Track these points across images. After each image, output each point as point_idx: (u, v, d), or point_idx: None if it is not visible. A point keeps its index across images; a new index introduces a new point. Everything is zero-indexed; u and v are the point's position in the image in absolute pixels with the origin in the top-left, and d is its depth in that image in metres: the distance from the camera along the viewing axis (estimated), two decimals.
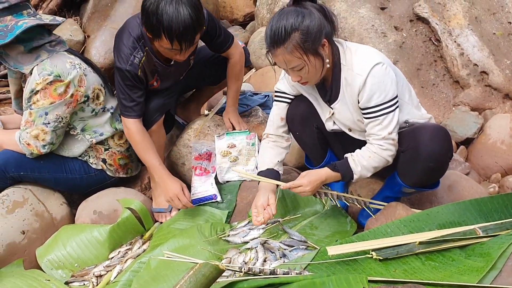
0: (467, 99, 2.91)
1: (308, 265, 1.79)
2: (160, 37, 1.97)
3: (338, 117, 1.98)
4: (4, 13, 2.01)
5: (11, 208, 2.19)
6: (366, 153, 1.88)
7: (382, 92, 1.79)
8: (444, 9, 3.15)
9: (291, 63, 1.75)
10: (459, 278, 1.61)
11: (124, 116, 2.19)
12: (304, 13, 1.71)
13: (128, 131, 2.20)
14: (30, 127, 2.12)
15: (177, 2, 1.90)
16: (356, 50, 1.85)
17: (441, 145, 1.87)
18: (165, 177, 2.20)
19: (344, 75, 1.86)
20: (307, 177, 1.92)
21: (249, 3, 4.09)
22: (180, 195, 2.15)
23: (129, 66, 2.10)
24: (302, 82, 1.84)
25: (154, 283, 1.82)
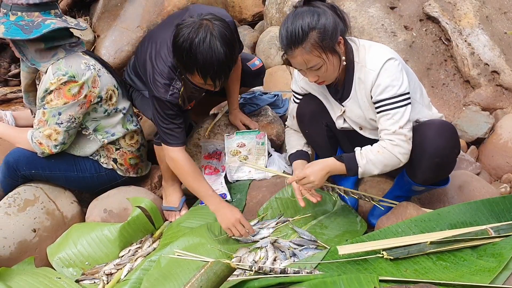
0: (477, 99, 2.89)
1: (318, 265, 1.78)
2: (193, 74, 1.93)
3: (349, 115, 1.98)
4: (33, 9, 2.02)
5: (22, 207, 2.20)
6: (376, 147, 1.83)
7: (394, 86, 1.78)
8: (455, 8, 3.13)
9: (310, 63, 1.75)
10: (471, 279, 1.60)
11: (168, 145, 2.12)
12: (319, 12, 1.72)
13: (175, 161, 2.12)
14: (43, 127, 2.13)
15: (211, 39, 1.84)
16: (370, 47, 1.86)
17: (447, 140, 1.85)
18: (223, 204, 2.10)
19: (357, 73, 1.86)
20: (311, 167, 1.87)
21: (257, 2, 4.09)
22: (243, 221, 2.05)
23: (170, 96, 2.05)
24: (319, 81, 1.84)
25: (164, 281, 1.82)
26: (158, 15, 3.33)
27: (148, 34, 2.34)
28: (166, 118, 2.08)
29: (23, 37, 1.99)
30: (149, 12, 3.35)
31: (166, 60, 2.05)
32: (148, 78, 2.08)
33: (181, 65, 1.95)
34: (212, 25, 1.87)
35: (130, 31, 3.36)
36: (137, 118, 2.48)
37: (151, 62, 2.08)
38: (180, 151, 2.12)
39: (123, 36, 3.34)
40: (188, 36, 1.85)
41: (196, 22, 1.88)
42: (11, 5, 2.02)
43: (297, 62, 1.77)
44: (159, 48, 2.09)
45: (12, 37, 2.00)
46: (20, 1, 2.01)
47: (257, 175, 2.39)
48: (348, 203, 2.23)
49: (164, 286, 1.81)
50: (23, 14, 2.02)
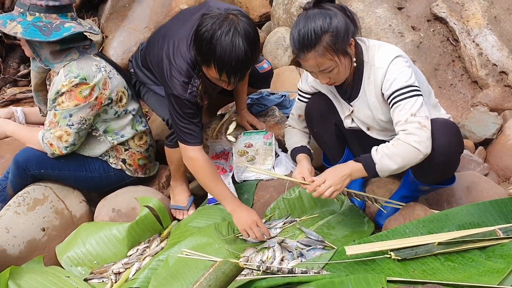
0: (485, 100, 2.88)
1: (326, 265, 1.79)
2: (209, 66, 1.88)
3: (357, 115, 1.98)
4: (51, 11, 2.04)
5: (32, 206, 2.22)
6: (391, 141, 1.78)
7: (402, 78, 1.77)
8: (463, 8, 3.12)
9: (323, 65, 1.75)
10: (479, 280, 1.60)
11: (186, 144, 2.07)
12: (331, 15, 1.72)
13: (194, 161, 2.08)
14: (54, 128, 2.15)
15: (234, 33, 1.79)
16: (379, 47, 1.86)
17: (449, 139, 1.83)
18: (241, 207, 2.07)
19: (366, 72, 1.87)
20: (329, 172, 1.84)
21: (265, 3, 4.09)
22: (260, 223, 2.01)
23: (189, 95, 2.00)
24: (330, 83, 1.84)
25: (172, 280, 1.83)
26: (166, 15, 3.36)
27: (161, 31, 2.26)
28: (184, 117, 2.04)
29: (42, 38, 2.01)
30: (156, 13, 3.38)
31: (185, 57, 2.00)
32: (165, 76, 2.02)
33: (199, 55, 1.90)
34: (237, 20, 1.82)
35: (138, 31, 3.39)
36: (146, 119, 2.50)
37: (169, 60, 2.03)
38: (199, 150, 2.08)
39: (131, 37, 3.37)
40: (212, 27, 1.80)
41: (222, 14, 1.83)
42: (29, 5, 2.03)
43: (309, 65, 1.77)
44: (177, 45, 2.03)
45: (31, 38, 2.01)
46: (39, 2, 2.02)
47: (264, 175, 2.40)
48: (356, 203, 2.23)
49: (172, 285, 1.82)
50: (41, 15, 2.03)
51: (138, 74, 2.36)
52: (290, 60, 3.37)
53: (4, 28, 2.04)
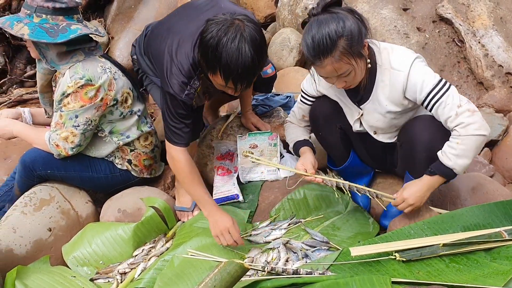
0: (491, 101, 2.88)
1: (331, 266, 1.79)
2: (215, 73, 1.82)
3: (366, 118, 1.98)
4: (58, 13, 2.05)
5: (38, 206, 2.24)
6: (453, 141, 1.77)
7: (429, 77, 1.78)
8: (468, 9, 3.12)
9: (341, 70, 1.72)
10: (484, 281, 1.59)
11: (172, 143, 2.05)
12: (342, 18, 1.69)
13: (175, 161, 2.06)
14: (60, 129, 2.16)
15: (240, 39, 1.73)
16: (392, 49, 1.86)
17: (433, 133, 1.84)
18: (216, 211, 2.00)
19: (379, 75, 1.86)
20: (408, 190, 1.86)
21: (270, 4, 4.10)
22: (232, 229, 1.94)
23: (185, 96, 1.96)
24: (347, 86, 1.82)
25: (177, 280, 1.84)
26: None
27: (167, 22, 2.19)
28: (176, 117, 2.02)
29: (49, 40, 2.02)
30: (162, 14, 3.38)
31: (188, 57, 1.95)
32: (165, 72, 1.98)
33: (205, 62, 1.84)
34: (244, 26, 1.76)
35: None
36: (151, 120, 2.51)
37: (171, 57, 1.98)
38: (182, 151, 2.05)
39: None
40: (217, 33, 1.75)
41: (228, 20, 1.78)
42: (35, 7, 2.04)
43: (326, 71, 1.74)
44: (181, 43, 1.98)
45: (38, 39, 2.03)
46: (46, 4, 2.03)
47: (270, 176, 2.40)
48: (361, 204, 2.23)
49: (178, 286, 1.83)
50: (47, 17, 2.05)
51: (140, 61, 2.32)
52: (295, 61, 3.38)
53: (11, 30, 2.06)
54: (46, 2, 2.03)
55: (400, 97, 1.86)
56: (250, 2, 4.13)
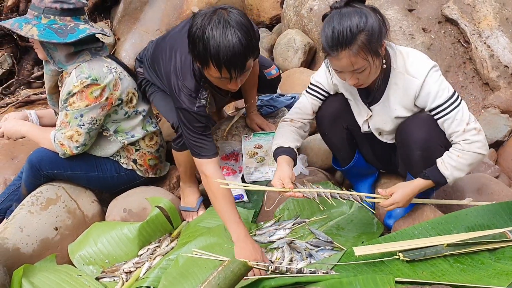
0: (497, 101, 2.87)
1: (335, 266, 1.80)
2: (208, 65, 1.80)
3: (375, 119, 1.98)
4: (65, 13, 2.07)
5: (45, 205, 2.25)
6: (454, 153, 1.82)
7: (443, 90, 1.79)
8: (474, 10, 3.11)
9: (356, 65, 1.70)
10: (489, 282, 1.59)
11: (199, 157, 1.99)
12: (366, 14, 1.68)
13: (208, 178, 1.97)
14: (65, 128, 2.18)
15: (225, 25, 1.72)
16: (408, 54, 1.85)
17: (427, 132, 1.85)
18: (246, 239, 1.91)
19: (393, 78, 1.85)
20: (399, 193, 1.86)
21: (275, 5, 4.11)
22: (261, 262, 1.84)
23: (197, 108, 1.97)
24: (358, 84, 1.80)
25: (182, 279, 1.85)
26: (177, 18, 3.39)
27: (170, 39, 2.21)
28: (194, 131, 2.00)
29: (58, 40, 2.04)
30: (168, 16, 3.41)
31: (191, 72, 1.99)
32: (174, 90, 2.01)
33: (197, 58, 1.83)
34: (227, 12, 1.76)
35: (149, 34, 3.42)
36: (156, 120, 2.52)
37: (176, 75, 2.01)
38: (212, 164, 1.98)
39: (143, 39, 3.40)
40: (201, 23, 1.74)
41: (211, 10, 1.79)
42: (43, 8, 2.06)
43: (341, 64, 1.71)
44: (183, 59, 2.01)
45: (48, 40, 2.05)
46: (54, 5, 2.05)
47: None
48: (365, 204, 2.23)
49: (182, 285, 1.83)
50: (55, 18, 2.07)
51: (146, 75, 2.35)
52: (300, 62, 3.39)
53: (20, 31, 2.08)
54: (54, 3, 2.05)
55: (410, 103, 1.86)
56: (256, 3, 4.14)
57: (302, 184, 1.88)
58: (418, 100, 1.84)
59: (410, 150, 1.91)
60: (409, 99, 1.85)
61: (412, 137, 1.88)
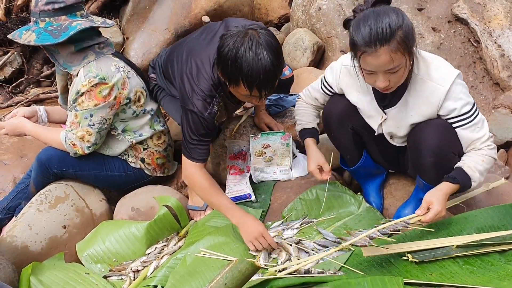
0: (507, 102, 2.84)
1: (342, 266, 1.79)
2: (238, 85, 1.87)
3: (388, 123, 1.96)
4: (59, 13, 2.08)
5: (53, 203, 2.27)
6: (479, 157, 1.83)
7: (467, 98, 1.80)
8: (484, 9, 3.08)
9: (395, 61, 1.65)
10: (499, 284, 1.58)
11: (189, 159, 2.07)
12: (401, 12, 1.66)
13: (192, 176, 2.08)
14: (75, 128, 2.19)
15: (257, 47, 1.79)
16: (432, 61, 1.83)
17: (439, 139, 1.83)
18: (246, 217, 2.02)
19: (413, 84, 1.83)
20: (437, 202, 1.77)
21: (284, 4, 4.09)
22: (265, 234, 1.96)
23: (208, 114, 2.00)
24: (388, 88, 1.75)
25: (189, 278, 1.85)
26: (186, 17, 3.38)
27: (185, 46, 2.23)
28: (196, 135, 2.03)
29: (52, 41, 2.05)
30: (176, 15, 3.41)
31: (208, 78, 2.01)
32: (187, 92, 2.03)
33: (226, 76, 1.89)
34: (257, 34, 1.82)
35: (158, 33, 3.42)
36: (164, 119, 2.53)
37: (192, 80, 2.04)
38: (199, 167, 2.07)
39: (151, 38, 3.40)
40: (234, 45, 1.81)
41: (242, 31, 1.83)
42: (38, 13, 2.07)
43: (379, 61, 1.65)
44: (200, 65, 2.05)
45: (43, 43, 2.06)
46: (46, 7, 2.06)
47: (282, 176, 2.41)
48: (373, 205, 2.22)
49: (189, 284, 1.83)
50: (51, 20, 2.08)
51: (158, 80, 2.38)
52: (309, 61, 3.37)
53: (20, 39, 2.10)
54: (46, 5, 2.06)
55: (431, 112, 1.83)
56: (264, 2, 4.13)
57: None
58: (441, 109, 1.81)
59: (423, 156, 1.89)
60: (431, 107, 1.82)
61: (425, 143, 1.86)
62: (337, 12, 3.39)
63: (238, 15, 3.45)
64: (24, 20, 3.44)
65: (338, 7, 3.40)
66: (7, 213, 2.43)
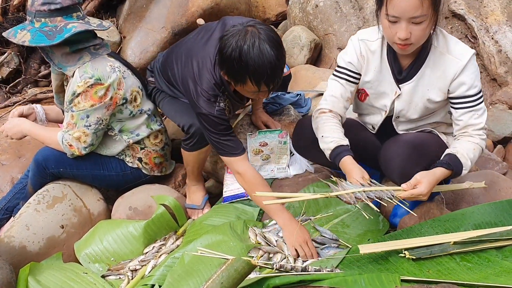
0: (505, 97, 2.84)
1: (340, 263, 1.79)
2: (245, 82, 1.88)
3: (402, 99, 1.90)
4: (55, 14, 2.07)
5: (51, 203, 2.27)
6: (470, 145, 1.82)
7: (479, 81, 1.79)
8: (481, 5, 3.08)
9: (422, 9, 1.61)
10: (496, 280, 1.58)
11: (230, 156, 2.05)
12: None
13: (243, 175, 2.05)
14: (72, 129, 2.19)
15: (260, 43, 1.80)
16: (450, 37, 1.83)
17: (404, 160, 1.83)
18: (292, 221, 2.00)
19: (432, 56, 1.81)
20: (425, 184, 1.73)
21: (281, 2, 4.09)
22: (310, 242, 1.93)
23: (217, 112, 2.01)
24: (407, 43, 1.69)
25: (187, 277, 1.85)
26: (183, 16, 3.38)
27: (183, 47, 2.25)
28: (219, 133, 2.04)
29: (47, 43, 2.04)
30: (173, 13, 3.40)
31: (210, 78, 2.03)
32: (192, 96, 2.05)
33: (232, 76, 1.90)
34: (257, 30, 1.83)
35: (155, 32, 3.42)
36: (161, 118, 2.52)
37: (194, 80, 2.05)
38: (244, 160, 2.06)
39: (148, 37, 3.40)
40: (236, 44, 1.81)
41: (242, 29, 1.84)
42: (34, 12, 2.07)
43: (408, 3, 1.60)
44: (201, 65, 2.06)
45: (37, 44, 2.05)
46: (42, 7, 2.05)
47: (279, 174, 2.40)
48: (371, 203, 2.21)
49: (187, 282, 1.83)
50: (46, 20, 2.07)
51: (157, 83, 2.39)
52: (306, 59, 3.37)
53: (14, 39, 2.10)
54: (42, 5, 2.05)
55: (444, 86, 1.82)
56: (262, 0, 4.13)
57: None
58: (453, 83, 1.79)
59: (391, 176, 1.92)
60: (444, 81, 1.81)
61: (391, 165, 1.88)
62: (334, 10, 3.39)
63: (235, 13, 3.45)
64: (21, 20, 3.43)
65: (335, 4, 3.40)
66: (5, 213, 2.43)
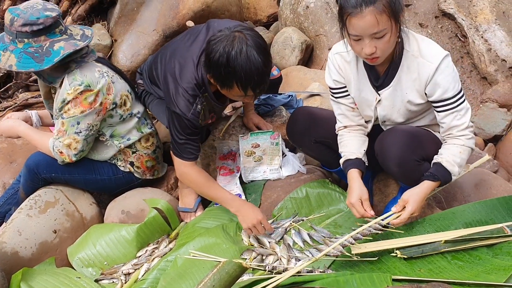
0: (495, 96, 2.86)
1: (332, 264, 1.79)
2: (231, 87, 1.91)
3: (383, 104, 1.91)
4: (37, 34, 2.04)
5: (43, 208, 2.26)
6: (456, 149, 1.81)
7: (455, 82, 1.78)
8: (471, 4, 3.10)
9: (380, 24, 1.63)
10: (486, 278, 1.59)
11: (181, 158, 2.12)
12: None
13: (186, 174, 2.15)
14: (62, 136, 2.18)
15: (248, 49, 1.83)
16: (422, 39, 1.82)
17: (401, 149, 1.83)
18: (245, 205, 2.11)
19: (405, 61, 1.81)
20: (413, 203, 1.76)
21: (272, 3, 4.10)
22: (264, 221, 2.05)
23: (191, 114, 2.03)
24: (374, 56, 1.71)
25: (180, 280, 1.85)
26: (173, 18, 3.37)
27: (169, 49, 2.27)
28: (182, 134, 2.07)
29: (36, 68, 2.03)
30: (164, 16, 3.40)
31: (191, 78, 2.04)
32: (170, 93, 2.06)
33: (219, 80, 1.92)
34: (245, 36, 1.85)
35: (146, 34, 3.41)
36: (152, 121, 2.52)
37: (174, 78, 2.06)
38: (191, 165, 2.13)
39: (140, 40, 3.39)
40: (224, 50, 1.83)
41: (229, 35, 1.85)
42: (15, 33, 2.02)
43: (364, 22, 1.63)
44: (183, 64, 2.07)
45: (26, 69, 2.04)
46: (24, 28, 2.01)
47: (272, 175, 2.41)
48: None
49: (180, 285, 1.84)
50: (30, 41, 2.04)
51: (145, 86, 2.40)
52: (298, 60, 3.38)
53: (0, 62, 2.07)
54: (23, 26, 2.01)
55: (422, 89, 1.82)
56: (253, 2, 4.13)
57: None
58: (428, 86, 1.79)
59: (388, 165, 1.90)
60: (421, 83, 1.80)
61: (388, 153, 1.86)
62: (325, 11, 3.40)
63: (226, 15, 3.44)
64: None
65: (325, 5, 3.41)
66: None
